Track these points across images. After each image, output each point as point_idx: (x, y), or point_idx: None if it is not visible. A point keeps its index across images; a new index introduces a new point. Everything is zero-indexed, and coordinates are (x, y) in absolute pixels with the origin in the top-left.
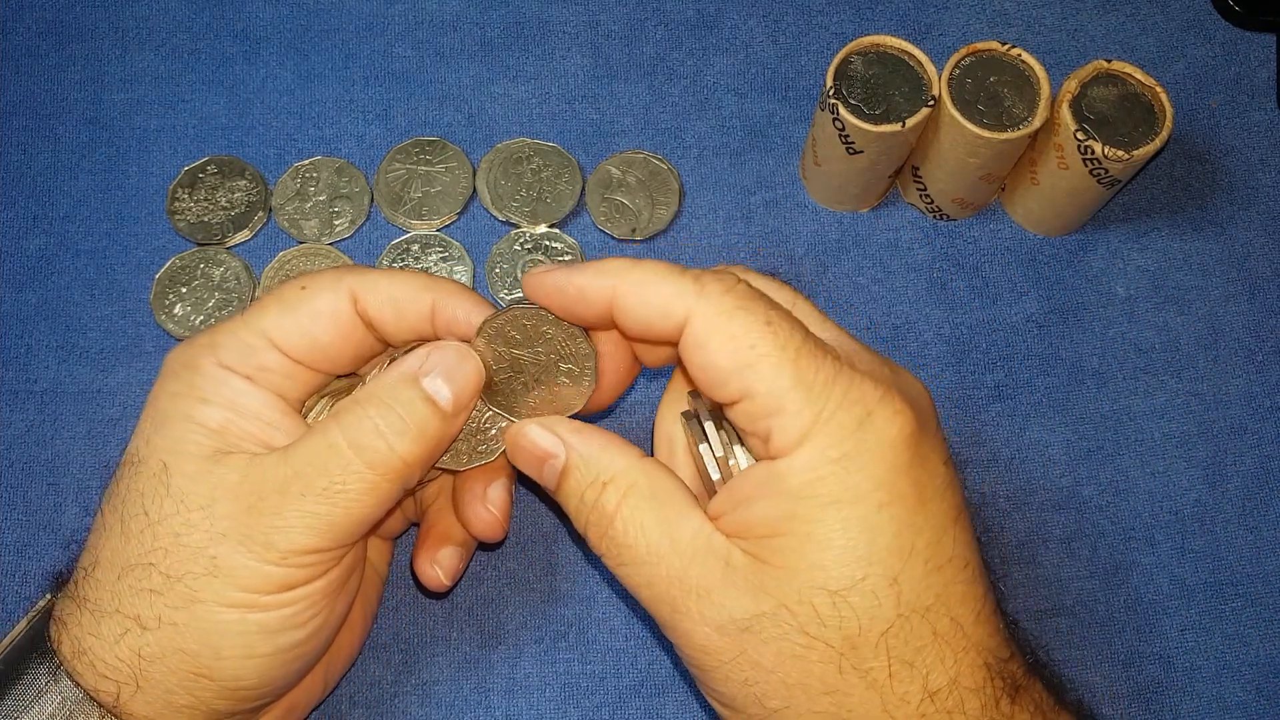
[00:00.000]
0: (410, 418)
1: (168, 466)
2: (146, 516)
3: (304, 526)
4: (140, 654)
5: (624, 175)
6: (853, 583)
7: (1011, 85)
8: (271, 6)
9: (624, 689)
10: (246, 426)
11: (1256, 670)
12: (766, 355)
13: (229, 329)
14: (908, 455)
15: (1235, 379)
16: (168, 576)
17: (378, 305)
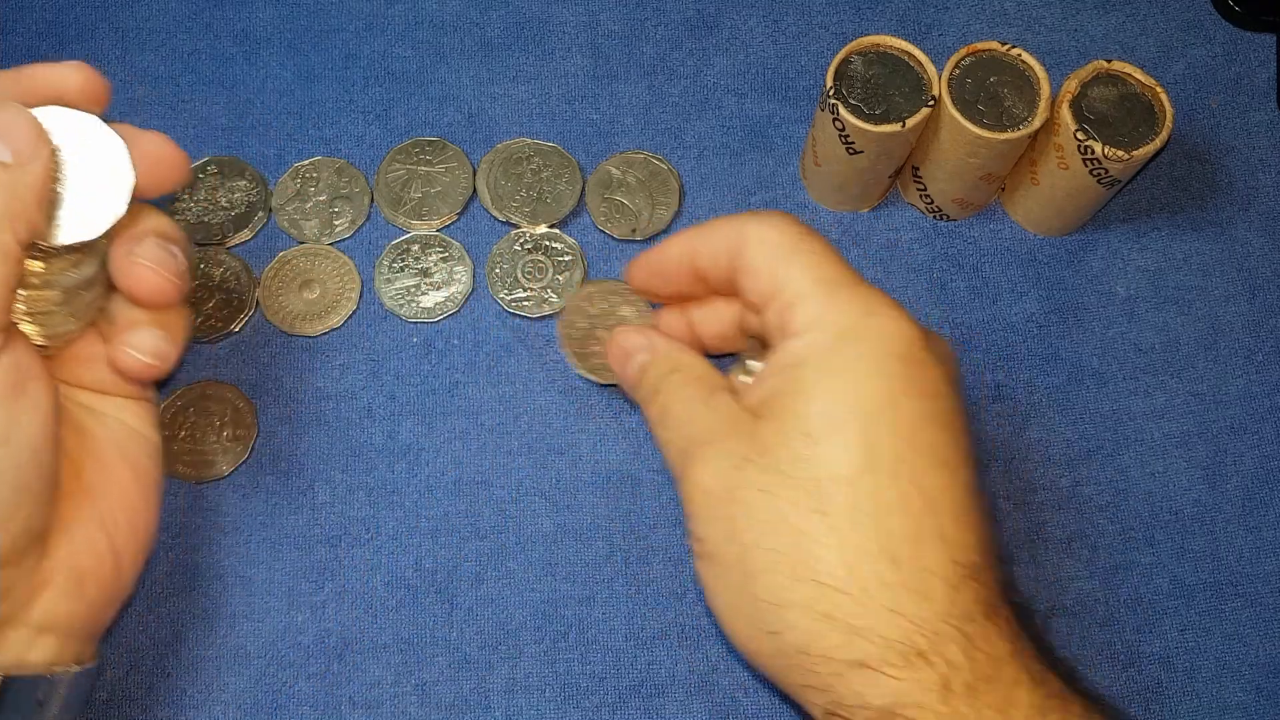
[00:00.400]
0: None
1: None
2: None
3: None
4: None
5: (624, 175)
6: (827, 432)
7: (1011, 85)
8: (271, 6)
9: (624, 689)
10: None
11: (1256, 670)
12: (794, 256)
13: None
14: (902, 349)
15: (1235, 379)
16: None
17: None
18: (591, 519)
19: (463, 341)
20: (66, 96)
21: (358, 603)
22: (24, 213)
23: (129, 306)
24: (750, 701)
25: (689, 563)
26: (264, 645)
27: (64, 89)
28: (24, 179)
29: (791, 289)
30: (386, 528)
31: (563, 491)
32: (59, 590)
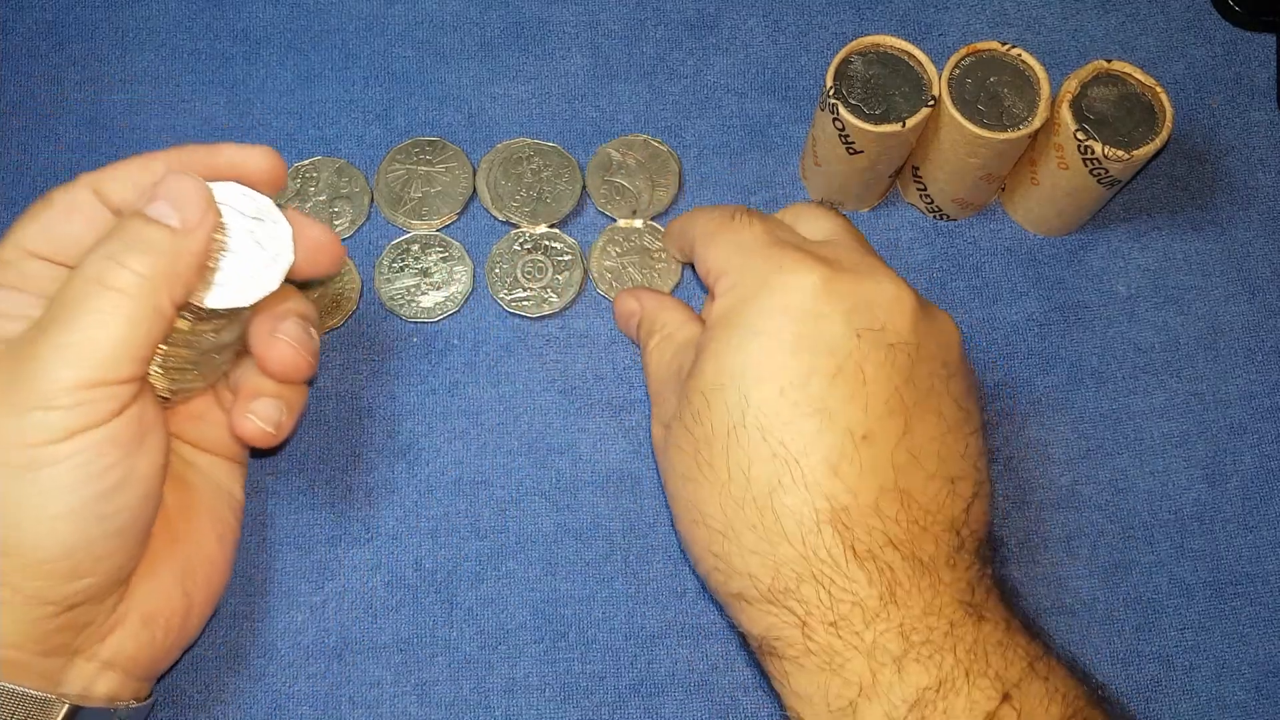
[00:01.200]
0: (136, 238)
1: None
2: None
3: (61, 359)
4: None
5: (624, 158)
6: (717, 387)
7: (1011, 85)
8: (271, 6)
9: (624, 689)
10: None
11: (1256, 670)
12: (720, 237)
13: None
14: (796, 306)
15: (1235, 379)
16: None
17: (116, 187)
18: (591, 518)
19: (463, 341)
20: (248, 174)
21: (357, 603)
22: (181, 277)
23: (256, 375)
24: (750, 701)
25: (688, 562)
26: (264, 645)
27: (247, 167)
28: (187, 245)
29: (715, 261)
30: (386, 528)
31: (563, 491)
32: (130, 631)
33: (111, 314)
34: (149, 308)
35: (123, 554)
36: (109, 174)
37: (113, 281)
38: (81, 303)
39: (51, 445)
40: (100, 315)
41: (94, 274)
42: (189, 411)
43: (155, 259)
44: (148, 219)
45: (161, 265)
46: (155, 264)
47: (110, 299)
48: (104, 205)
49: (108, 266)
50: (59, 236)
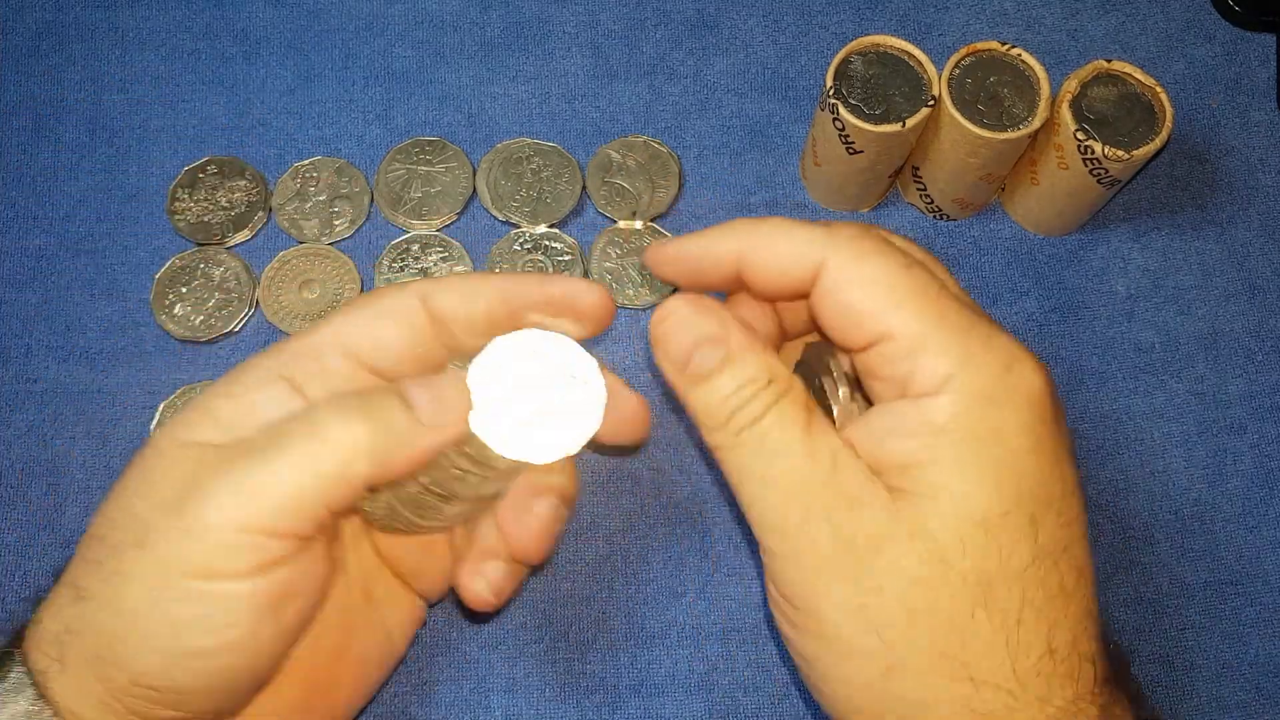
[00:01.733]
0: (380, 410)
1: (159, 447)
2: (120, 489)
3: (231, 492)
4: (68, 627)
5: (624, 159)
6: (1000, 515)
7: (1011, 85)
8: (271, 6)
9: (624, 689)
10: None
11: (1256, 670)
12: (907, 297)
13: (303, 336)
14: (1049, 409)
15: (1235, 379)
16: (109, 546)
17: (445, 295)
18: (591, 518)
19: None
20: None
21: None
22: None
23: (495, 533)
24: (750, 701)
25: (689, 562)
26: None
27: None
28: (419, 441)
29: (906, 331)
30: None
31: None
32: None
33: (306, 464)
34: (344, 477)
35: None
36: (441, 287)
37: (332, 435)
38: (283, 442)
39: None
40: (296, 461)
41: (314, 416)
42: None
43: (382, 439)
44: (400, 395)
45: (382, 447)
46: (377, 442)
47: (311, 451)
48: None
49: (338, 420)
50: (372, 339)
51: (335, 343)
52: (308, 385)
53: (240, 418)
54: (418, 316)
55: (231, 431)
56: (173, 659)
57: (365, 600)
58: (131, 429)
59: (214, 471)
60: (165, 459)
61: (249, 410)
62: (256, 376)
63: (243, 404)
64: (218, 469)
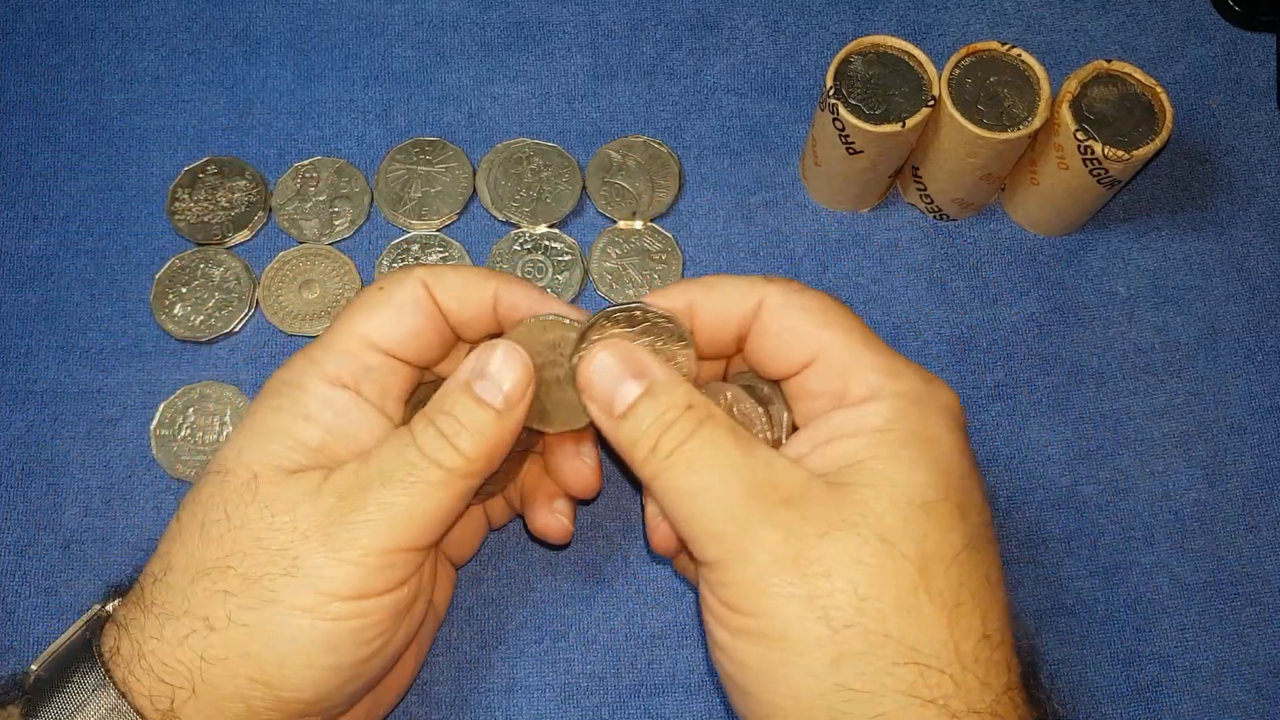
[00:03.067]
0: (468, 421)
1: (258, 477)
2: (229, 521)
3: (385, 519)
4: (203, 656)
5: (624, 159)
6: (936, 500)
7: (1011, 85)
8: (271, 6)
9: (624, 689)
10: (341, 451)
11: (1256, 670)
12: (837, 322)
13: (324, 343)
14: (961, 422)
15: (1235, 379)
16: (245, 578)
17: (444, 294)
18: (591, 518)
19: None
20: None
21: None
22: (499, 454)
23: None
24: None
25: None
26: None
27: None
28: (508, 425)
29: (840, 351)
30: None
31: None
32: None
33: (437, 488)
34: (468, 487)
35: (352, 701)
36: (437, 275)
37: (443, 460)
38: (412, 471)
39: (343, 601)
40: (427, 487)
41: (430, 448)
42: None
43: (483, 443)
44: (475, 398)
45: (487, 447)
46: (480, 448)
47: (438, 476)
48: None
49: (441, 446)
50: (402, 331)
51: (366, 343)
52: (361, 387)
53: (328, 439)
54: (429, 304)
55: (324, 454)
56: (327, 673)
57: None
58: (131, 429)
59: (354, 503)
60: (279, 490)
61: (331, 430)
62: (318, 394)
63: (322, 425)
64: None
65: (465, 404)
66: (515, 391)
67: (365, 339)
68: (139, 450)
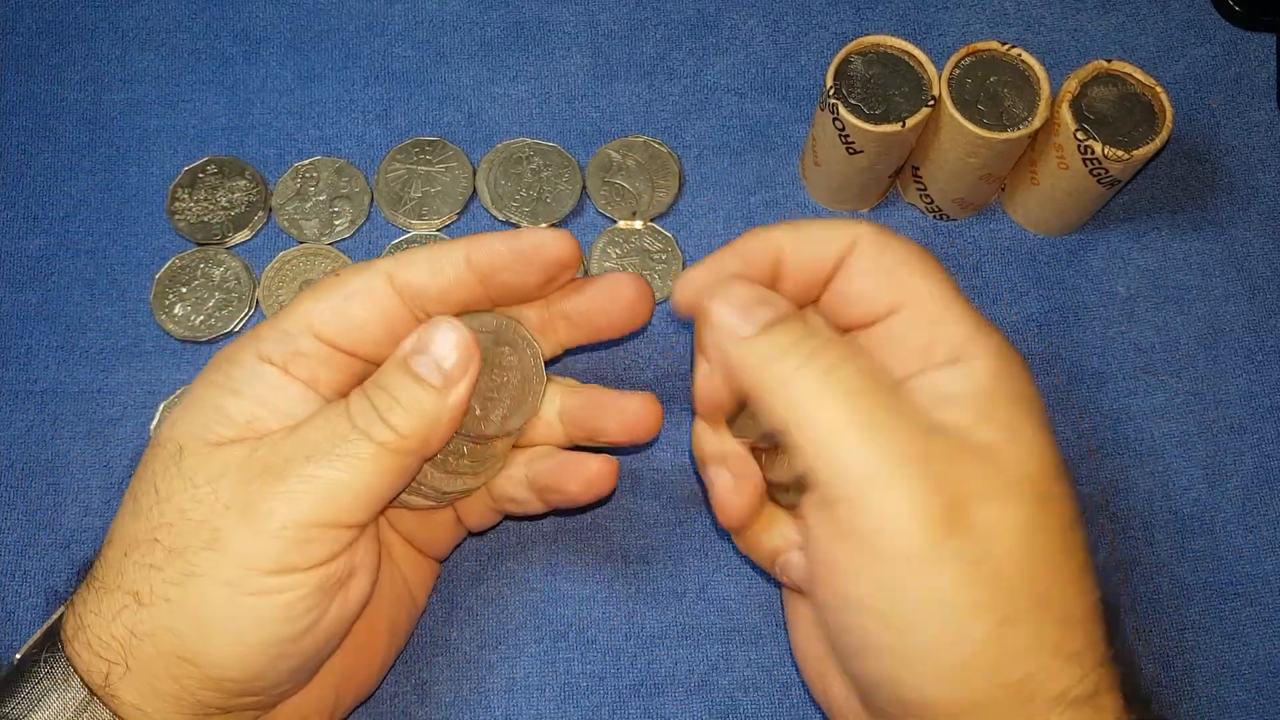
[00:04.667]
0: (403, 396)
1: (183, 448)
2: (156, 494)
3: (306, 491)
4: (133, 631)
5: (624, 159)
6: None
7: (1011, 85)
8: (271, 6)
9: (624, 689)
10: (271, 423)
11: (1256, 670)
12: (929, 271)
13: (271, 321)
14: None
15: (1235, 379)
16: (170, 551)
17: (412, 273)
18: (591, 518)
19: None
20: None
21: None
22: (439, 435)
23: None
24: (749, 701)
25: (689, 561)
26: None
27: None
28: (448, 403)
29: (930, 303)
30: None
31: None
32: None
33: (366, 463)
34: (401, 465)
35: (293, 683)
36: (405, 262)
37: (375, 434)
38: (340, 444)
39: (266, 575)
40: (355, 461)
41: (360, 421)
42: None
43: (416, 421)
44: (414, 375)
45: (421, 427)
46: (415, 425)
47: (368, 449)
48: (397, 293)
49: (372, 419)
50: (343, 320)
51: (304, 325)
52: (290, 367)
53: (256, 412)
54: (384, 295)
55: (253, 427)
56: (253, 650)
57: (387, 561)
58: (131, 429)
59: (276, 472)
60: (204, 461)
61: (260, 404)
62: (249, 369)
63: (251, 399)
64: (280, 469)
65: (402, 380)
66: (455, 369)
67: (305, 322)
68: (139, 450)
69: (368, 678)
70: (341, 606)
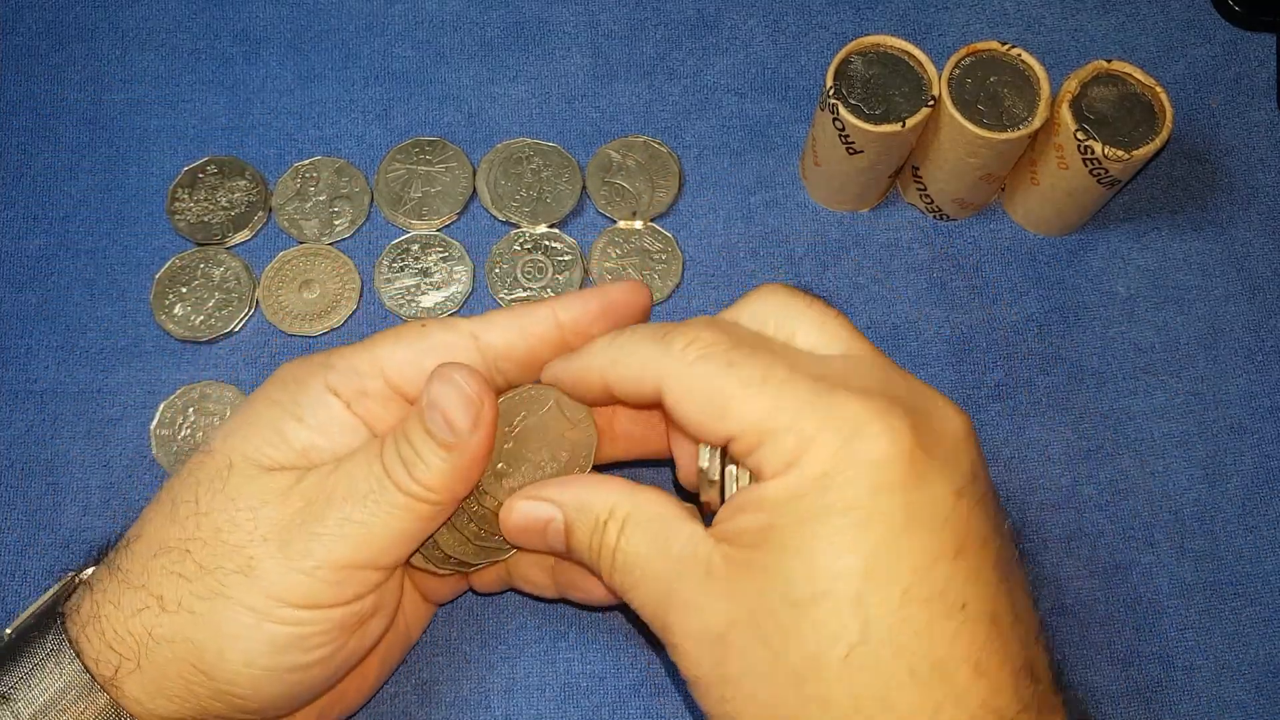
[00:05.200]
0: (421, 450)
1: (233, 465)
2: (196, 505)
3: (342, 535)
4: (151, 633)
5: (624, 159)
6: (813, 596)
7: (1011, 85)
8: (271, 6)
9: (624, 689)
10: (324, 454)
11: (1256, 670)
12: (734, 397)
13: (346, 352)
14: (898, 475)
15: (1235, 379)
16: (200, 566)
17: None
18: None
19: None
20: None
21: None
22: (462, 483)
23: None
24: None
25: None
26: None
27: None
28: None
29: (743, 428)
30: None
31: None
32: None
33: (401, 511)
34: (431, 513)
35: (293, 707)
36: (492, 325)
37: (404, 486)
38: (375, 489)
39: (291, 608)
40: (390, 509)
41: (388, 463)
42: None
43: (437, 476)
44: (427, 429)
45: (442, 479)
46: (437, 479)
47: (400, 500)
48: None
49: (398, 468)
50: (416, 371)
51: (378, 368)
52: (354, 403)
53: (314, 441)
54: (466, 354)
55: (307, 457)
56: (267, 673)
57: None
58: (131, 429)
59: (316, 513)
60: (248, 484)
61: (319, 433)
62: (315, 398)
63: (312, 428)
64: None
65: (418, 433)
66: (462, 425)
67: (378, 364)
68: (139, 450)
69: (352, 703)
70: (359, 641)
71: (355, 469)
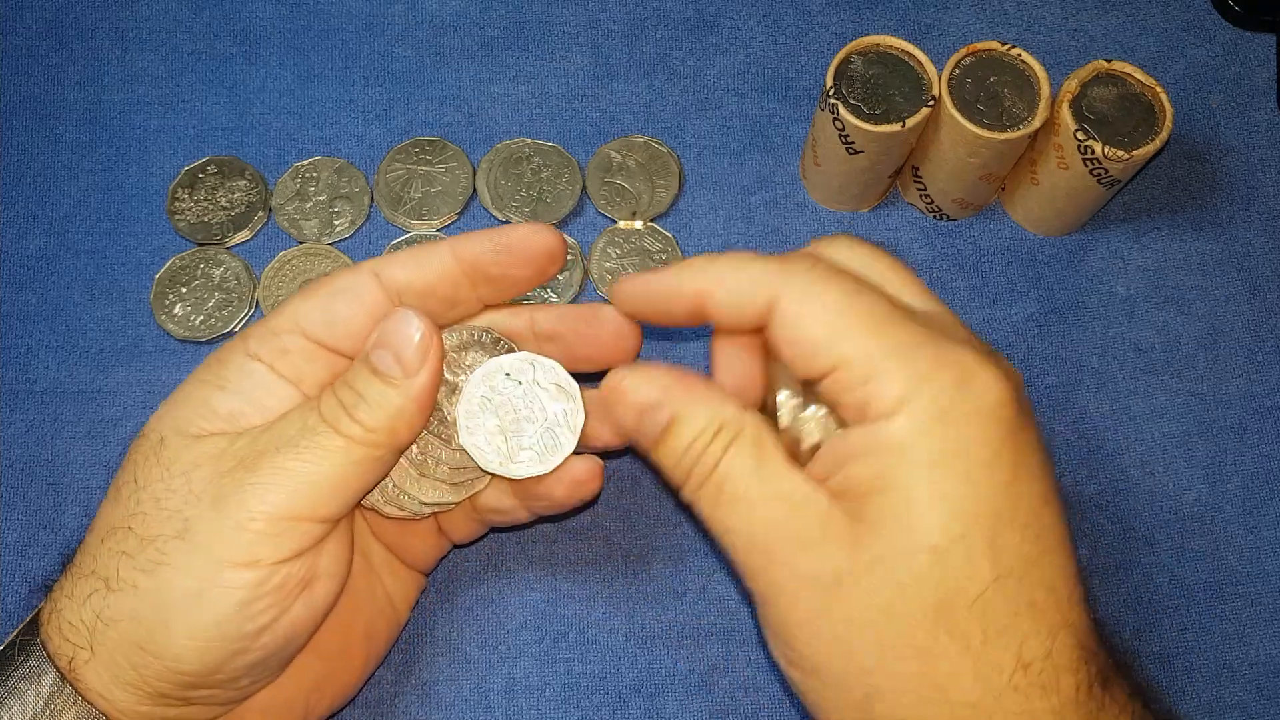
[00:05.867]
0: (366, 392)
1: (164, 439)
2: (135, 483)
3: (276, 484)
4: (100, 616)
5: (624, 159)
6: (951, 540)
7: (1011, 85)
8: (271, 6)
9: (624, 689)
10: (253, 419)
11: (1256, 670)
12: (855, 325)
13: (261, 321)
14: (1009, 421)
15: (1235, 379)
16: (141, 539)
17: (397, 266)
18: (591, 517)
19: None
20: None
21: None
22: (406, 427)
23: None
24: (749, 700)
25: (689, 561)
26: None
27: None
28: (410, 395)
29: (857, 358)
30: None
31: None
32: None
33: (335, 455)
34: (371, 458)
35: (251, 680)
36: (392, 261)
37: (342, 429)
38: (310, 436)
39: (233, 569)
40: (323, 454)
41: (329, 416)
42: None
43: (381, 416)
44: (373, 369)
45: (386, 421)
46: (380, 420)
47: (336, 442)
48: (385, 292)
49: (339, 415)
50: (328, 317)
51: (292, 325)
52: (276, 365)
53: (240, 407)
54: (370, 292)
55: (235, 422)
56: (210, 643)
57: (366, 569)
58: (131, 429)
59: (248, 464)
60: (182, 452)
61: (245, 400)
62: (237, 366)
63: (237, 395)
64: (252, 462)
65: (363, 375)
66: (412, 360)
67: (293, 320)
68: None
69: (342, 687)
70: (306, 607)
71: (287, 422)
